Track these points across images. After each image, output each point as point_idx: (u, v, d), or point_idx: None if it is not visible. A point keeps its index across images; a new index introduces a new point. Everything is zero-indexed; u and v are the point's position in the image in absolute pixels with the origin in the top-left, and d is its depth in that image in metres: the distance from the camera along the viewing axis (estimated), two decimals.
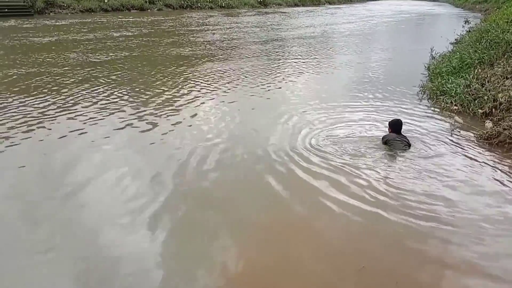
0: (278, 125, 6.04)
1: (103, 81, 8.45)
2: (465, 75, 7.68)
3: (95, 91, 7.63)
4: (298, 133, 5.65)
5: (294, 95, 7.82)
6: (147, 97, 7.43)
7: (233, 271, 3.02)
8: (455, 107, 6.68)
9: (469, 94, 6.81)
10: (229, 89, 8.17)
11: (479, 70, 7.68)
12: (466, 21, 17.33)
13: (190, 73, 9.50)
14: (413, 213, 3.67)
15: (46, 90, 7.61)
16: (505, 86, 6.58)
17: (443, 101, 6.99)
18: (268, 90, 8.18)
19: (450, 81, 7.61)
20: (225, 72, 9.73)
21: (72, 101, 6.96)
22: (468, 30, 15.50)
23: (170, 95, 7.61)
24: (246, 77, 9.27)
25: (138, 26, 19.03)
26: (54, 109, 6.55)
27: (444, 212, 3.71)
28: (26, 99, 7.01)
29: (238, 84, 8.56)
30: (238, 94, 7.83)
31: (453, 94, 7.00)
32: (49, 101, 6.96)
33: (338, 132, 5.70)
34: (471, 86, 6.98)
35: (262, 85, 8.55)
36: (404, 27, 23.52)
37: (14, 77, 8.60)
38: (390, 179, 4.26)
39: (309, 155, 4.89)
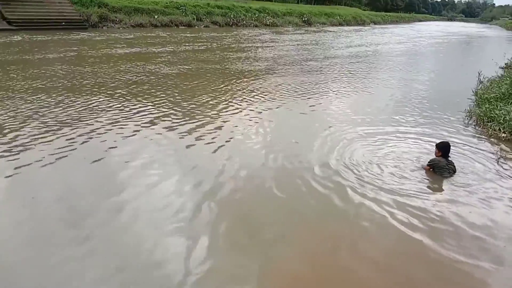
0: (322, 140, 6.11)
1: (177, 91, 9.16)
2: None
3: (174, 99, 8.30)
4: (342, 150, 5.66)
5: (342, 112, 7.94)
6: (210, 105, 7.98)
7: (271, 281, 3.06)
8: (503, 135, 6.42)
9: None
10: (285, 102, 8.54)
11: None
12: None
13: (254, 86, 9.99)
14: (457, 243, 3.57)
15: (137, 96, 8.35)
16: None
17: (490, 128, 6.74)
18: (319, 104, 8.53)
19: (498, 107, 7.34)
20: (285, 86, 10.14)
21: (147, 105, 7.54)
22: None
23: (234, 104, 8.09)
24: (301, 91, 9.63)
25: (202, 41, 19.92)
26: (135, 112, 7.11)
27: (489, 245, 3.58)
28: (104, 103, 7.70)
29: (293, 98, 8.91)
30: (291, 107, 8.17)
31: (501, 121, 6.74)
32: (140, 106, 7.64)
33: (383, 151, 5.66)
34: None
35: (314, 99, 8.96)
36: (452, 49, 22.97)
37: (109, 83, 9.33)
38: (434, 206, 4.15)
39: (353, 173, 4.87)
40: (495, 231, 3.77)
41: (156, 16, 27.16)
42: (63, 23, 22.14)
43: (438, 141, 5.29)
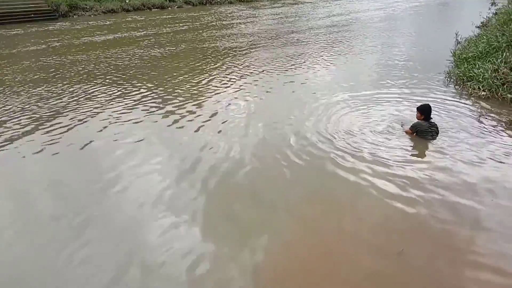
0: (308, 110, 6.32)
1: (169, 73, 9.31)
2: (492, 59, 7.56)
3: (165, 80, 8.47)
4: (327, 118, 5.86)
5: (326, 80, 8.22)
6: (203, 83, 8.24)
7: (276, 251, 3.22)
8: (483, 93, 6.61)
9: (497, 79, 6.74)
10: (274, 74, 8.76)
11: (508, 53, 7.53)
12: (493, 3, 16.80)
13: (242, 62, 10.20)
14: (445, 199, 3.80)
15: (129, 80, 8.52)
16: None
17: (470, 87, 6.93)
18: (307, 74, 8.75)
19: (477, 66, 7.51)
20: (272, 59, 10.32)
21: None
22: (494, 12, 15.05)
23: (225, 81, 8.35)
24: (289, 63, 9.83)
25: (182, 22, 19.63)
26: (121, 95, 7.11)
27: (475, 198, 3.80)
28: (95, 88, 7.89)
29: (282, 70, 9.13)
30: (277, 80, 8.36)
31: (480, 79, 6.93)
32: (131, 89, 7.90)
33: (367, 116, 5.88)
34: (499, 70, 6.89)
35: (302, 69, 9.21)
36: (429, 12, 22.96)
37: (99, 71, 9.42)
38: (420, 167, 4.37)
39: (336, 140, 5.06)
40: (481, 189, 3.96)
41: (127, 1, 26.42)
42: (32, 15, 21.45)
43: (419, 104, 5.42)
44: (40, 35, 15.91)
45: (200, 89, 7.73)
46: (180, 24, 18.48)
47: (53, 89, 8.01)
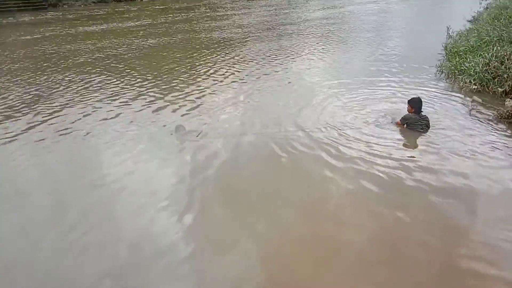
0: (301, 102, 6.41)
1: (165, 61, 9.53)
2: (483, 53, 7.69)
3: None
4: (320, 111, 5.96)
5: (319, 71, 8.39)
6: (198, 74, 8.40)
7: (268, 246, 3.31)
8: (474, 86, 6.75)
9: (488, 72, 6.86)
10: (269, 66, 8.90)
11: (498, 47, 7.67)
12: None
13: (238, 53, 10.30)
14: (437, 192, 3.88)
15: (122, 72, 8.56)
16: None
17: (461, 80, 7.06)
18: (299, 66, 8.87)
19: (468, 60, 7.64)
20: (267, 51, 10.44)
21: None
22: (485, 7, 15.23)
23: (221, 72, 8.49)
24: (278, 54, 9.98)
25: (177, 12, 19.75)
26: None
27: (466, 193, 3.88)
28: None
29: (276, 62, 9.27)
30: (272, 70, 8.52)
31: (471, 73, 7.06)
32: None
33: (358, 109, 5.98)
34: (490, 64, 7.02)
35: (293, 62, 9.33)
36: (421, 5, 23.11)
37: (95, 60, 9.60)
38: (411, 162, 4.42)
39: (331, 134, 5.13)
40: (473, 183, 4.03)
41: None
42: (20, 4, 21.18)
43: (410, 97, 5.48)
44: (33, 25, 15.79)
45: (197, 79, 7.85)
46: (175, 15, 18.44)
47: (50, 78, 8.08)
